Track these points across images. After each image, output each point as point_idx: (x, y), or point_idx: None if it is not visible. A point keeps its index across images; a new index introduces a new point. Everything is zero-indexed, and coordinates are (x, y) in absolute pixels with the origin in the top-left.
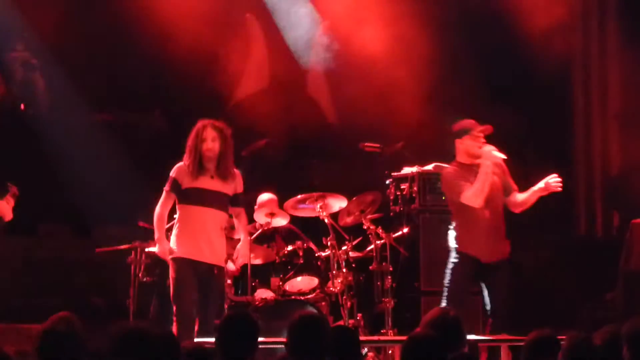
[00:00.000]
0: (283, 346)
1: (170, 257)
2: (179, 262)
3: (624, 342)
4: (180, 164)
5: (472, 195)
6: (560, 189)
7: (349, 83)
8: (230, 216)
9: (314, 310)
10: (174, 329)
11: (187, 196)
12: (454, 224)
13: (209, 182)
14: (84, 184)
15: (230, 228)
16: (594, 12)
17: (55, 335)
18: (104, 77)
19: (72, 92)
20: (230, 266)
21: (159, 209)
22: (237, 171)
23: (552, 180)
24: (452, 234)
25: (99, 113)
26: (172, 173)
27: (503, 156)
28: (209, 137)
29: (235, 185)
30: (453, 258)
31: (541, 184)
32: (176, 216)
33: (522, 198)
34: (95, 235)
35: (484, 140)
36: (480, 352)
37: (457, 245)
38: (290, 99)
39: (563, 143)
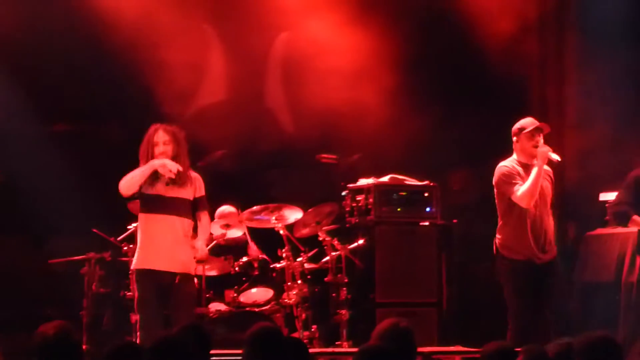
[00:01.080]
0: (240, 358)
1: (132, 268)
2: (140, 273)
3: (576, 357)
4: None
5: (522, 194)
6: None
7: (307, 94)
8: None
9: (271, 323)
10: (138, 339)
11: (146, 203)
12: (501, 225)
13: (165, 189)
14: (37, 195)
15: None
16: (552, 23)
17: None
18: (58, 87)
19: (26, 103)
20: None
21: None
22: (195, 174)
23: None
24: (497, 238)
25: (53, 124)
26: None
27: (557, 158)
28: (160, 140)
29: (194, 188)
30: (503, 265)
31: None
32: (135, 225)
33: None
34: (49, 246)
35: (540, 139)
36: None
37: (502, 250)
38: (248, 110)
39: None
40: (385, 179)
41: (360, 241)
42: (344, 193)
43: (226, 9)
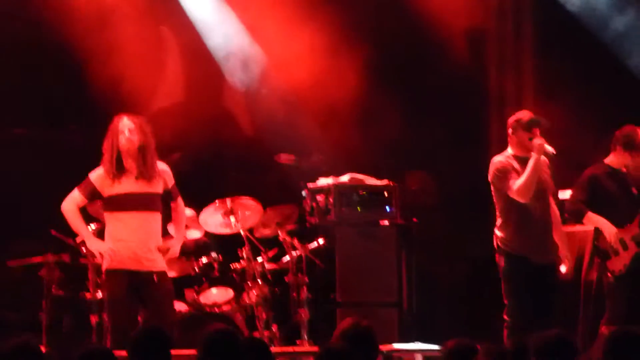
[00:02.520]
0: None
1: (103, 269)
2: (112, 274)
3: (532, 354)
4: (98, 169)
5: (519, 188)
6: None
7: (265, 95)
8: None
9: (226, 325)
10: (108, 341)
11: (113, 203)
12: (498, 223)
13: (133, 185)
14: None
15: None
16: (509, 20)
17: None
18: (16, 91)
19: None
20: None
21: (67, 204)
22: (163, 166)
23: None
24: (497, 235)
25: (11, 128)
26: (91, 177)
27: (552, 150)
28: (125, 128)
29: (164, 180)
30: (503, 263)
31: None
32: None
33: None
34: (7, 248)
35: (537, 133)
36: None
37: (504, 247)
38: (206, 112)
39: (480, 157)
40: (345, 178)
41: (321, 241)
42: (303, 193)
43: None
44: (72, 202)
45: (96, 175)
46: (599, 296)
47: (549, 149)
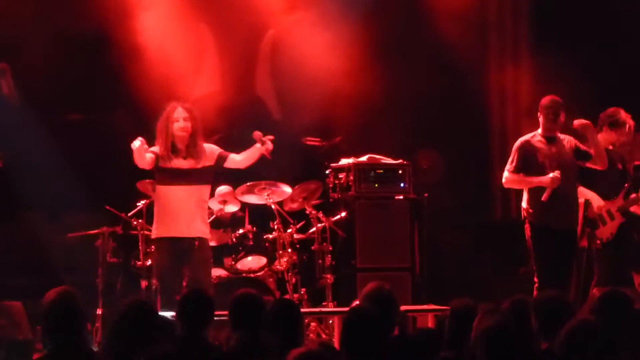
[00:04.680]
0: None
1: (152, 237)
2: (158, 242)
3: (533, 312)
4: (154, 147)
5: (505, 180)
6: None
7: (293, 83)
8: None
9: (251, 289)
10: (159, 302)
11: (163, 176)
12: (525, 193)
13: (182, 162)
14: (57, 176)
15: None
16: (508, 15)
17: (60, 308)
18: (70, 80)
19: (41, 94)
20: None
21: None
22: (208, 146)
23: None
24: (523, 207)
25: (68, 114)
26: (152, 148)
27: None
28: (180, 116)
29: (209, 156)
30: (529, 232)
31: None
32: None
33: (592, 153)
34: (67, 221)
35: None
36: None
37: (529, 218)
38: (240, 99)
39: (481, 138)
40: (364, 158)
41: (343, 214)
42: (327, 172)
43: (221, 12)
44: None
45: (154, 148)
46: (589, 262)
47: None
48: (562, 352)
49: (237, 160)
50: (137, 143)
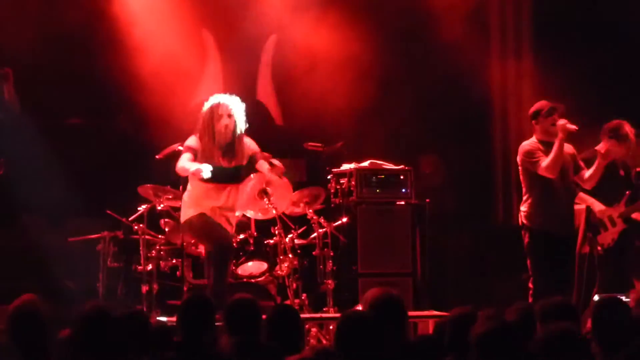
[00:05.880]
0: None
1: (184, 219)
2: (193, 220)
3: (537, 319)
4: (192, 138)
5: (547, 165)
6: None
7: (294, 89)
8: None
9: (247, 294)
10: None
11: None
12: (525, 198)
13: (220, 160)
14: (58, 181)
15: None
16: (510, 18)
17: (22, 316)
18: (70, 83)
19: (43, 100)
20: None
21: (180, 163)
22: (247, 140)
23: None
24: (522, 212)
25: (66, 118)
26: (190, 143)
27: (575, 127)
28: (224, 113)
29: (248, 152)
30: (527, 238)
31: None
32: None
33: (589, 173)
34: (68, 226)
35: (557, 117)
36: None
37: (527, 223)
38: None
39: (483, 143)
40: (366, 164)
41: (344, 219)
42: (328, 177)
43: (223, 17)
44: (184, 160)
45: (194, 140)
46: (591, 268)
47: (571, 126)
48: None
49: (260, 169)
50: (204, 174)
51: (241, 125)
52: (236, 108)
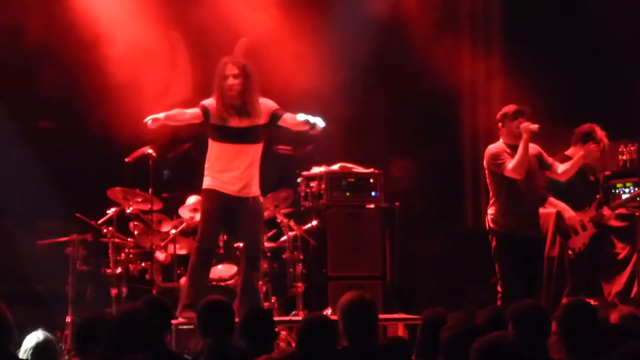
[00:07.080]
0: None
1: (203, 187)
2: (209, 192)
3: (509, 321)
4: (210, 99)
5: (513, 166)
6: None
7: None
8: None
9: (219, 296)
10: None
11: (217, 133)
12: (492, 202)
13: (237, 121)
14: (26, 184)
15: (158, 222)
16: (480, 21)
17: None
18: (42, 90)
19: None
20: (160, 256)
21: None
22: (263, 101)
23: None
24: (489, 214)
25: (38, 121)
26: (206, 104)
27: (536, 126)
28: (230, 73)
29: (265, 112)
30: (494, 242)
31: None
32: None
33: (564, 168)
34: (37, 229)
35: (522, 120)
36: None
37: (494, 226)
38: None
39: (453, 147)
40: (336, 167)
41: (314, 222)
42: (298, 180)
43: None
44: (185, 110)
45: (210, 102)
46: (560, 271)
47: (534, 126)
48: None
49: (289, 122)
50: (149, 123)
51: (250, 86)
52: (243, 69)
